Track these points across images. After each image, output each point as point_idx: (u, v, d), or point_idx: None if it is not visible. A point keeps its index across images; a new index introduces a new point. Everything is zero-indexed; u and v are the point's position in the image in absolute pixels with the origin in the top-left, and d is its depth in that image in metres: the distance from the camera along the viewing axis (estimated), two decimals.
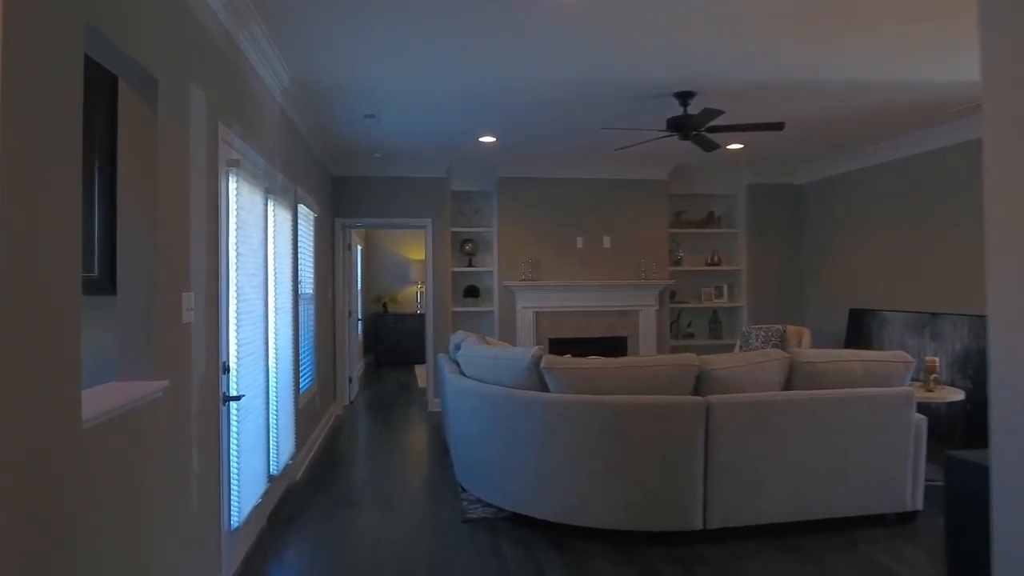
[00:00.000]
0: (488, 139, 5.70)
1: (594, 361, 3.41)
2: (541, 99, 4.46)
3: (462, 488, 4.05)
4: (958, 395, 3.95)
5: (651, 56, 3.63)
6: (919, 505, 3.52)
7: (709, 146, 4.58)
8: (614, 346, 7.14)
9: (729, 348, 7.58)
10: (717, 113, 3.87)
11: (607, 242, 7.10)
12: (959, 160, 5.39)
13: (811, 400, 3.34)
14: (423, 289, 10.44)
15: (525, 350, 3.55)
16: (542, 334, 6.99)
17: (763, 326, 6.25)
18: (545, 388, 3.46)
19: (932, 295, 5.68)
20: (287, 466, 3.97)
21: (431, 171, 6.84)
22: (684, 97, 4.30)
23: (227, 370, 2.72)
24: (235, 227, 2.85)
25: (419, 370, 9.43)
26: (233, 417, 2.79)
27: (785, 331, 6.12)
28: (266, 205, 3.51)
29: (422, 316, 10.09)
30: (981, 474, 2.21)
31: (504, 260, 6.97)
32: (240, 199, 2.94)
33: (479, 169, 7.07)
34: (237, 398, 2.76)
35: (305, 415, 4.83)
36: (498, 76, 3.97)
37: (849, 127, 5.38)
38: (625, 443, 3.21)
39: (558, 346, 7.00)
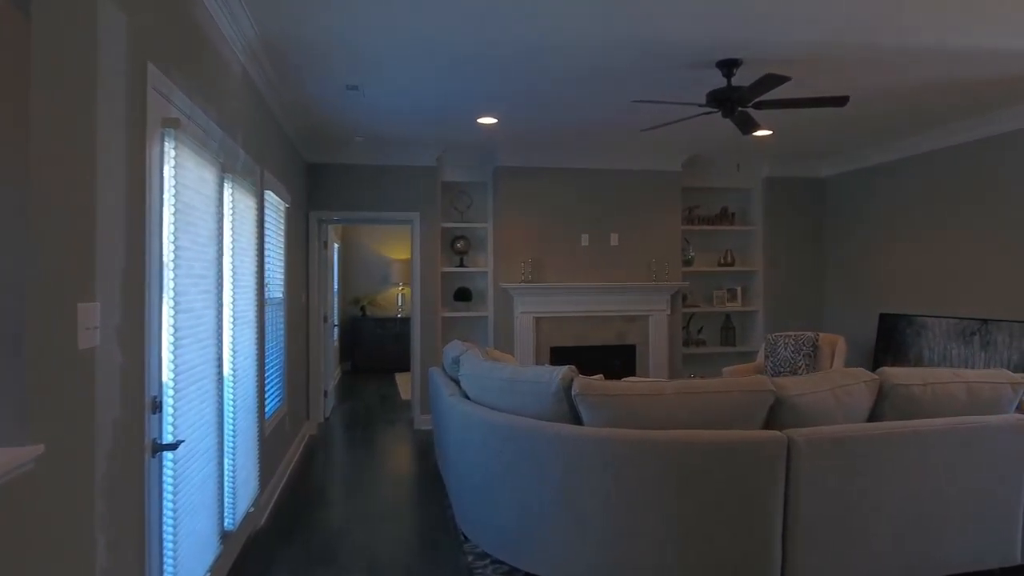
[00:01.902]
0: (488, 120, 4.97)
1: (641, 386, 2.70)
2: (553, 66, 3.74)
3: (464, 537, 3.32)
4: None
5: (688, 14, 2.95)
6: None
7: (750, 127, 3.91)
8: (622, 355, 6.46)
9: (745, 356, 6.96)
10: (780, 80, 3.19)
11: (615, 240, 6.41)
12: (1013, 148, 4.80)
13: (912, 433, 2.68)
14: (405, 291, 9.67)
15: (550, 371, 2.83)
16: (543, 342, 6.28)
17: (792, 334, 5.61)
18: (577, 419, 2.75)
19: (981, 299, 5.10)
20: (248, 513, 3.20)
21: (420, 159, 6.08)
22: (728, 67, 3.62)
23: (158, 408, 1.96)
24: (173, 211, 2.09)
25: (401, 379, 8.65)
26: (167, 472, 2.02)
27: (818, 339, 5.49)
28: (221, 187, 2.74)
29: (405, 320, 9.32)
30: None
31: (501, 259, 6.25)
32: (182, 174, 2.18)
33: (474, 157, 6.33)
34: (173, 446, 1.99)
35: (272, 443, 4.06)
36: (508, 36, 3.25)
37: (900, 109, 4.75)
38: (682, 491, 2.52)
39: (561, 356, 6.29)
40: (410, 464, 4.92)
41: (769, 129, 5.32)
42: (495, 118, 4.91)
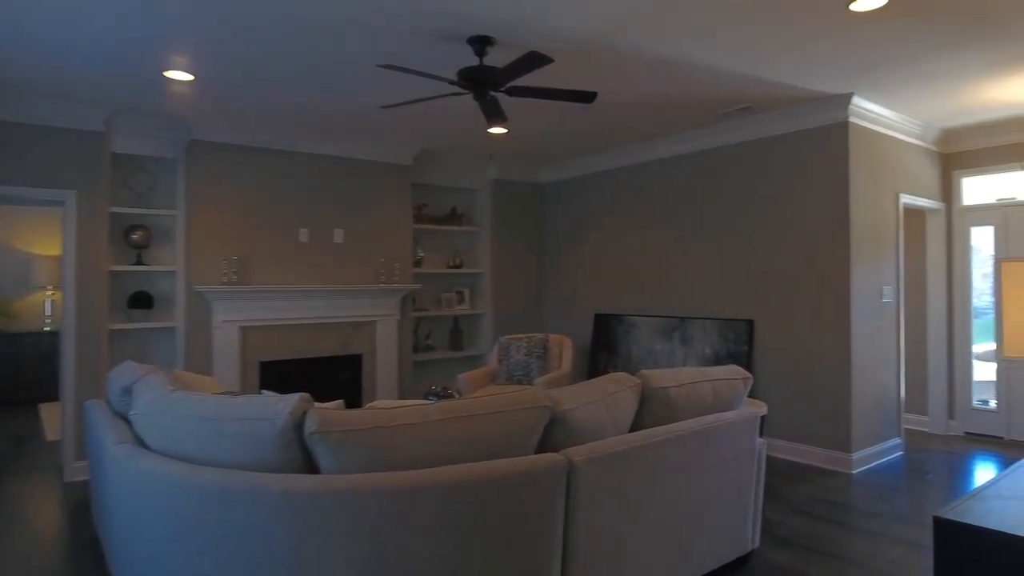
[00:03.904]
0: (181, 76, 3.87)
1: (397, 413, 2.12)
2: (273, 10, 2.96)
3: None
4: (762, 408, 3.68)
5: None
6: (756, 543, 3.07)
7: (497, 116, 3.63)
8: (348, 367, 5.76)
9: (474, 360, 6.83)
10: (542, 61, 2.90)
11: (340, 237, 5.69)
12: (705, 164, 5.44)
13: (675, 438, 2.59)
14: (57, 297, 7.48)
15: (274, 402, 2.08)
16: (250, 357, 5.25)
17: (523, 336, 5.58)
18: (312, 466, 2.06)
19: (680, 300, 5.68)
20: None
21: (79, 119, 4.56)
22: (481, 44, 3.27)
23: None
24: None
25: (49, 412, 6.61)
26: None
27: (548, 341, 5.54)
28: None
29: (55, 335, 7.19)
30: (979, 539, 1.65)
31: (195, 256, 5.05)
32: None
33: (160, 125, 5.00)
34: None
35: None
36: None
37: (631, 118, 4.99)
38: (458, 541, 2.01)
39: (274, 372, 5.35)
40: (57, 531, 3.53)
41: (505, 128, 5.19)
42: (191, 74, 3.84)
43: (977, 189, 5.53)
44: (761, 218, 5.03)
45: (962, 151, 5.48)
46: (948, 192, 5.58)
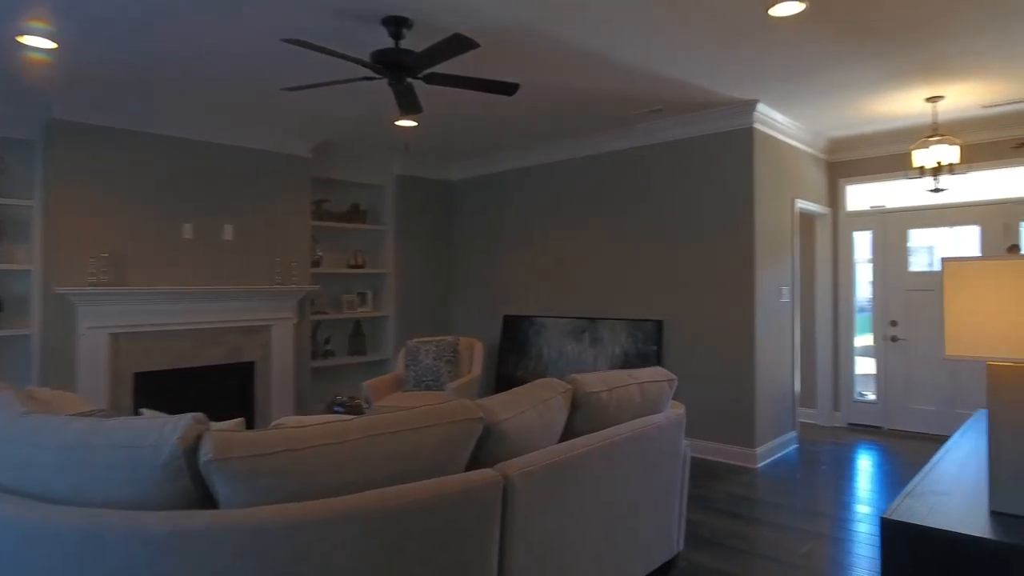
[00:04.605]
0: (40, 43, 3.31)
1: (311, 432, 1.85)
2: None
3: None
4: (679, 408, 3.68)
5: None
6: (681, 545, 3.04)
7: (411, 106, 3.40)
8: (238, 376, 5.27)
9: (377, 366, 6.50)
10: (466, 45, 2.70)
11: (229, 233, 5.19)
12: (617, 166, 5.46)
13: (609, 444, 2.49)
14: None
15: (160, 424, 1.75)
16: (123, 367, 4.66)
17: (432, 339, 5.34)
18: (208, 499, 1.75)
19: (589, 301, 5.66)
20: None
21: None
22: (396, 26, 3.02)
23: None
24: None
25: None
26: None
27: (458, 343, 5.34)
28: None
29: None
30: (926, 538, 1.65)
31: (57, 254, 4.40)
32: None
33: (13, 100, 4.31)
34: None
35: None
36: None
37: (546, 116, 4.88)
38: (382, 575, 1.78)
39: (150, 384, 4.78)
40: None
41: (415, 121, 4.93)
42: (52, 40, 3.30)
43: (859, 196, 5.94)
44: (671, 220, 5.11)
45: (847, 160, 5.85)
46: (835, 198, 5.95)
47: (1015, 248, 3.55)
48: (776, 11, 2.98)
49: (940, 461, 2.20)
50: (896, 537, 1.67)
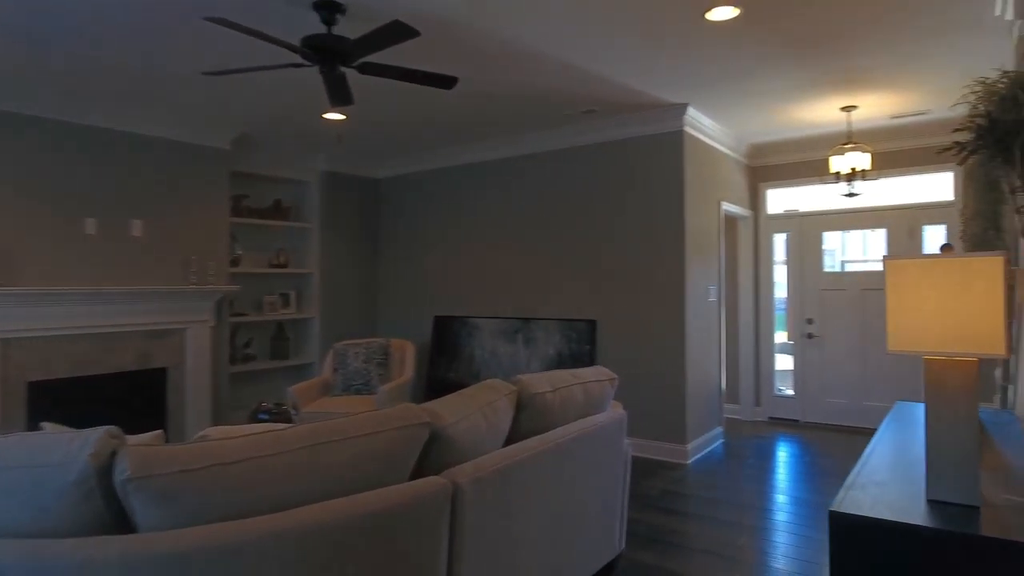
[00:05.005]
0: None
1: (243, 443, 1.70)
2: None
3: None
4: (619, 407, 3.69)
5: None
6: (623, 545, 3.03)
7: (342, 97, 3.24)
8: (148, 384, 4.88)
9: (301, 370, 6.22)
10: (406, 34, 2.58)
11: (138, 229, 4.80)
12: (550, 166, 5.45)
13: (554, 447, 2.44)
14: None
15: (64, 441, 1.55)
16: (14, 376, 4.21)
17: (361, 342, 5.15)
18: (125, 524, 1.57)
19: (522, 301, 5.63)
20: None
21: None
22: (329, 11, 2.86)
23: None
24: None
25: None
26: None
27: (389, 346, 5.17)
28: None
29: None
30: (878, 534, 1.70)
31: None
32: None
33: None
34: None
35: None
36: None
37: (479, 112, 4.79)
38: None
39: (46, 394, 4.35)
40: None
41: (343, 114, 4.73)
42: None
43: (778, 200, 6.21)
44: (604, 220, 5.15)
45: (767, 165, 6.10)
46: (756, 202, 6.19)
47: (949, 247, 3.77)
48: (713, 15, 3.04)
49: (873, 452, 2.28)
50: (844, 528, 1.70)
